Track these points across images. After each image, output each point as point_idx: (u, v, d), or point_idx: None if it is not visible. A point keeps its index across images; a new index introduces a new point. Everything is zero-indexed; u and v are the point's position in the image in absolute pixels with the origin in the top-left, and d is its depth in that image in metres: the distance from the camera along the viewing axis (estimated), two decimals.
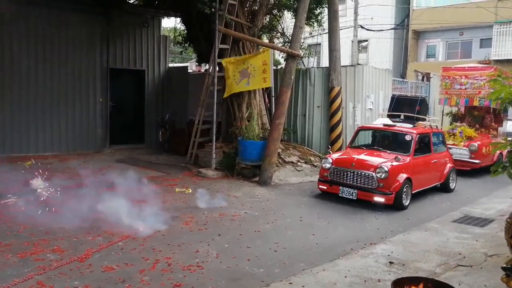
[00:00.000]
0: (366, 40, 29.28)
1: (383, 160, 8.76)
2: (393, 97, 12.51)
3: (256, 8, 12.67)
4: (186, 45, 16.07)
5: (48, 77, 13.46)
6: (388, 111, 11.60)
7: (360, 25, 24.43)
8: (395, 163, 8.63)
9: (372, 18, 26.85)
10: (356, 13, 24.16)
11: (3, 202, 7.62)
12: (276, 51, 13.12)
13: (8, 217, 6.97)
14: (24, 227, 6.54)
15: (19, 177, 8.50)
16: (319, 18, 13.80)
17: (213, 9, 11.09)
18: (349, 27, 23.70)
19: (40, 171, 8.08)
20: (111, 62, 14.80)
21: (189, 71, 18.84)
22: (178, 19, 16.23)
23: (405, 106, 11.50)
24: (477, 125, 13.76)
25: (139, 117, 15.80)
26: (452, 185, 10.43)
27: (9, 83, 12.76)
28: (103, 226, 6.60)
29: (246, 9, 12.54)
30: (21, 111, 12.99)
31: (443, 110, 14.68)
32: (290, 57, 11.36)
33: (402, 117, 10.60)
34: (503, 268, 4.31)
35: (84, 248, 5.80)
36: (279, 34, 14.33)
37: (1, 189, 7.98)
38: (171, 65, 19.19)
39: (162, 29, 16.95)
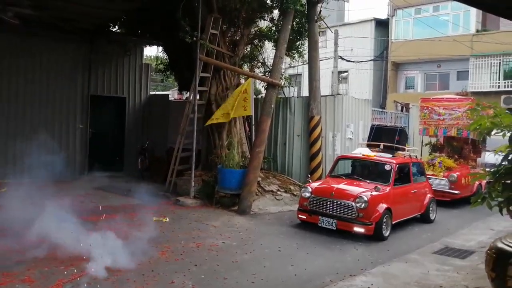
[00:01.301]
0: (346, 71, 29.73)
1: (363, 190, 8.72)
2: (372, 127, 12.61)
3: (238, 38, 12.78)
4: (168, 73, 16.10)
5: (27, 103, 13.34)
6: (368, 141, 11.65)
7: (340, 56, 24.78)
8: (374, 193, 8.58)
9: (352, 49, 27.38)
10: (336, 44, 24.56)
11: None
12: (257, 80, 13.19)
13: None
14: None
15: None
16: (300, 49, 13.93)
17: (194, 38, 11.13)
18: (329, 58, 24.04)
19: (16, 198, 7.88)
20: (92, 89, 14.74)
21: (170, 99, 18.81)
22: (160, 48, 16.28)
23: (384, 136, 11.57)
24: (456, 156, 13.82)
25: (119, 144, 15.64)
26: (432, 216, 10.40)
27: None
28: (76, 256, 6.34)
29: (227, 38, 12.62)
30: None
31: (422, 140, 14.81)
32: (271, 86, 11.43)
33: (381, 146, 10.62)
34: None
35: (56, 278, 5.59)
36: (260, 63, 14.42)
37: None
38: (153, 93, 19.12)
39: (144, 57, 16.95)
